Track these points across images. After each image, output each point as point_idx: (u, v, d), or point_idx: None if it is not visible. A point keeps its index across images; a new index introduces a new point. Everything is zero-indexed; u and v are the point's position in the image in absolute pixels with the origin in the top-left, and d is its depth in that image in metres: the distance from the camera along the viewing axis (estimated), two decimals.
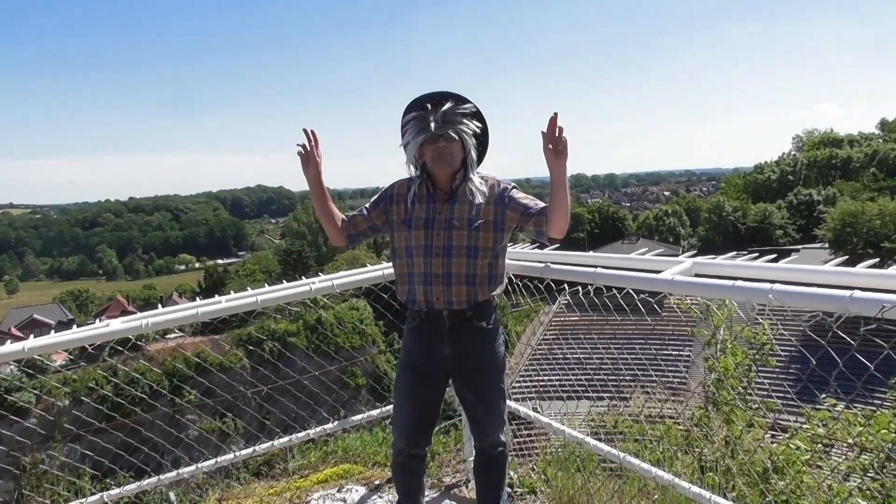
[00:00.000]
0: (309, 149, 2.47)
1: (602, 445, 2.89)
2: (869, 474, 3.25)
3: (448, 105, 2.39)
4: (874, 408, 3.80)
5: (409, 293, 2.50)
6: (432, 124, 2.35)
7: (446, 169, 2.41)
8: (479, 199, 2.42)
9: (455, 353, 2.49)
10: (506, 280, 2.63)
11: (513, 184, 2.51)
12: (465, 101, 2.43)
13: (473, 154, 2.45)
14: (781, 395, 4.34)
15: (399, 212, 2.51)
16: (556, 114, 2.14)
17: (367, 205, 2.62)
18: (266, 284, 3.26)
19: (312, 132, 2.47)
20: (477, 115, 2.46)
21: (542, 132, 2.17)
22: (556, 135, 2.16)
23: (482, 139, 2.51)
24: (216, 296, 3.11)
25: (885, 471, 3.17)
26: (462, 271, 2.42)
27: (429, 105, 2.41)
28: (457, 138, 2.38)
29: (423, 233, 2.44)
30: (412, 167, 2.51)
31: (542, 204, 2.41)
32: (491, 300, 2.53)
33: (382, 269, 3.26)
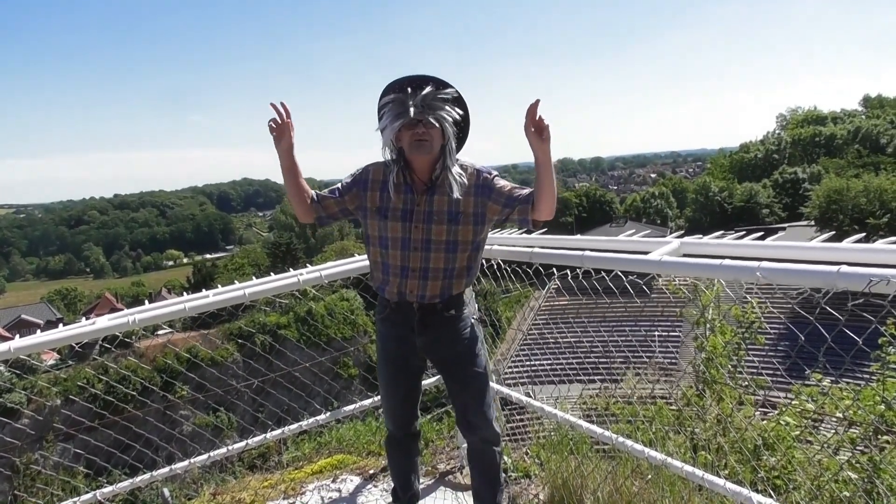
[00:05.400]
0: (281, 121, 2.33)
1: (595, 428, 2.90)
2: (858, 448, 3.28)
3: (429, 89, 2.26)
4: (863, 381, 3.84)
5: (381, 282, 2.47)
6: (411, 109, 2.23)
7: (424, 156, 2.30)
8: (459, 191, 2.32)
9: (426, 343, 2.47)
10: (478, 271, 2.59)
11: (494, 172, 2.41)
12: (447, 85, 2.31)
13: (453, 142, 2.34)
14: (771, 371, 4.37)
15: (374, 199, 2.41)
16: (537, 100, 2.10)
17: (340, 186, 2.50)
18: (254, 277, 3.23)
19: (283, 104, 2.33)
20: (458, 102, 2.34)
21: (526, 112, 2.12)
22: (537, 118, 2.12)
23: (462, 126, 2.40)
24: (204, 290, 3.08)
25: (873, 443, 3.20)
26: (440, 266, 2.37)
27: (408, 88, 2.28)
28: (437, 125, 2.27)
29: (400, 224, 2.36)
30: (389, 152, 2.39)
31: (527, 190, 2.33)
32: (464, 292, 2.50)
33: None
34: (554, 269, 2.82)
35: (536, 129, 2.14)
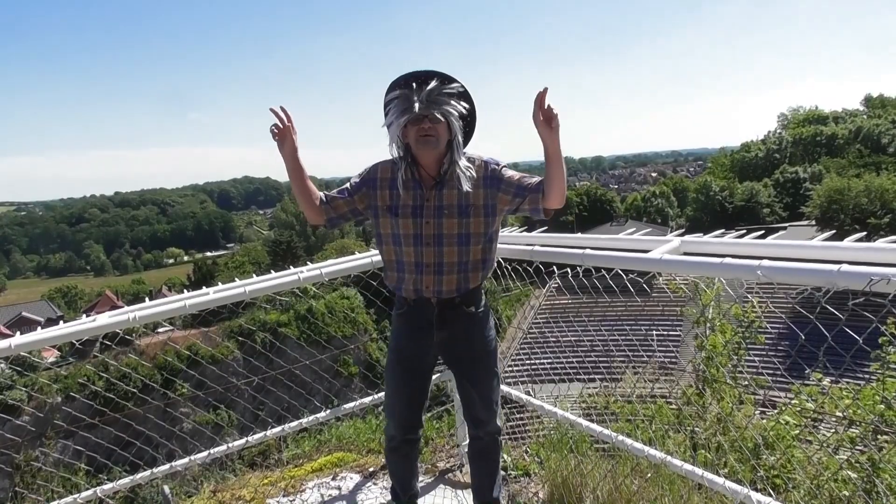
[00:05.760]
0: (283, 126, 2.33)
1: (594, 426, 2.90)
2: (858, 447, 3.28)
3: (433, 84, 2.25)
4: (863, 381, 3.84)
5: (397, 280, 2.46)
6: (416, 104, 2.22)
7: (431, 151, 2.29)
8: (468, 184, 2.32)
9: (445, 339, 2.47)
10: (494, 264, 2.60)
11: (502, 162, 2.40)
12: (452, 80, 2.30)
13: (460, 137, 2.33)
14: (771, 371, 4.37)
15: (383, 197, 2.41)
16: (545, 89, 2.09)
17: (348, 186, 2.48)
18: (255, 275, 3.23)
19: (283, 108, 2.32)
20: (464, 96, 2.33)
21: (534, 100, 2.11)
22: (546, 107, 2.11)
23: (469, 121, 2.39)
24: (204, 288, 3.08)
25: (873, 443, 3.20)
26: (454, 260, 2.36)
27: (413, 84, 2.27)
28: (442, 120, 2.25)
29: (411, 221, 2.35)
30: (395, 148, 2.38)
31: (536, 179, 2.33)
32: (481, 285, 2.50)
33: (371, 257, 3.23)
34: (554, 268, 2.82)
35: (545, 118, 2.13)
